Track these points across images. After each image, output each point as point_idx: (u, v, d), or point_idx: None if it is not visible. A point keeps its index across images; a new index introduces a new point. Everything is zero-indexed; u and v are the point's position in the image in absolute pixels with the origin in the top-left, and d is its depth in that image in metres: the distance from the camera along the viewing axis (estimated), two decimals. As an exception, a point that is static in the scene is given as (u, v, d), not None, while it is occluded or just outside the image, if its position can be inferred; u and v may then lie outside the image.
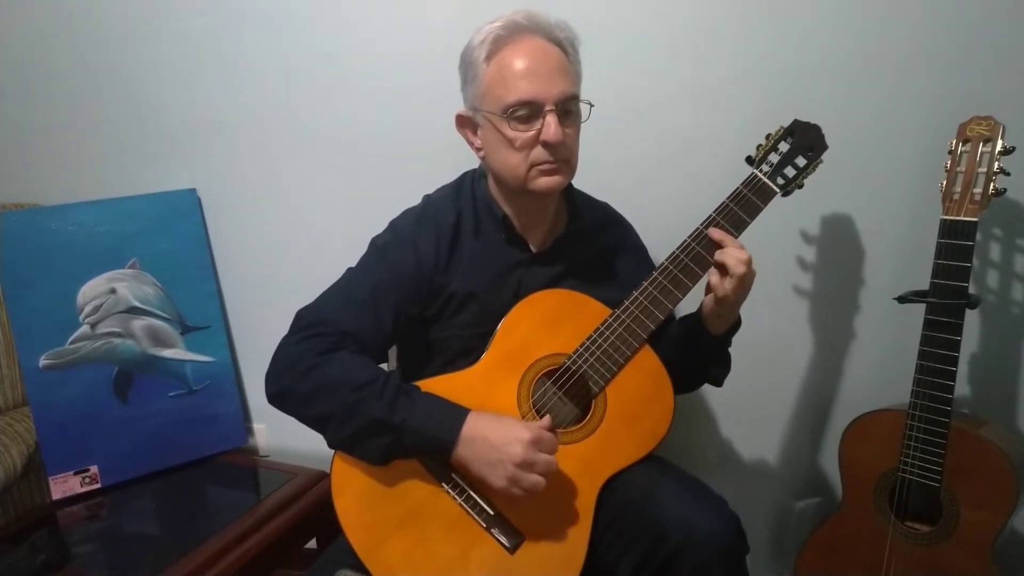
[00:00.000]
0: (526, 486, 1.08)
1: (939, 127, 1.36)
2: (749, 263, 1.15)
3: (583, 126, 1.22)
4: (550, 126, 1.14)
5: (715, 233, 1.18)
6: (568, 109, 1.17)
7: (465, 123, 1.26)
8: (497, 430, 1.10)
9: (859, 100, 1.47)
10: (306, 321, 1.20)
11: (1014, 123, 1.27)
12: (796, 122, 1.24)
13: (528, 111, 1.15)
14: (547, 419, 1.14)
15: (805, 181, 1.23)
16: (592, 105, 1.21)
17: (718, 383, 1.33)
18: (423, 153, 1.66)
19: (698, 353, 1.27)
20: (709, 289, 1.20)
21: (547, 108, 1.14)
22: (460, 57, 1.22)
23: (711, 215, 1.20)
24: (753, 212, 1.20)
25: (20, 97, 1.90)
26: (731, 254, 1.15)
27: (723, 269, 1.16)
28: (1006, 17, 1.38)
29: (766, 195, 1.20)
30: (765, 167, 1.22)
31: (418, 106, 1.65)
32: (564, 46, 1.19)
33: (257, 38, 1.73)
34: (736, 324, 1.27)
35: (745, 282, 1.16)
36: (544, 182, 1.19)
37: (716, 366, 1.31)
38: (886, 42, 1.44)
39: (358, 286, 1.23)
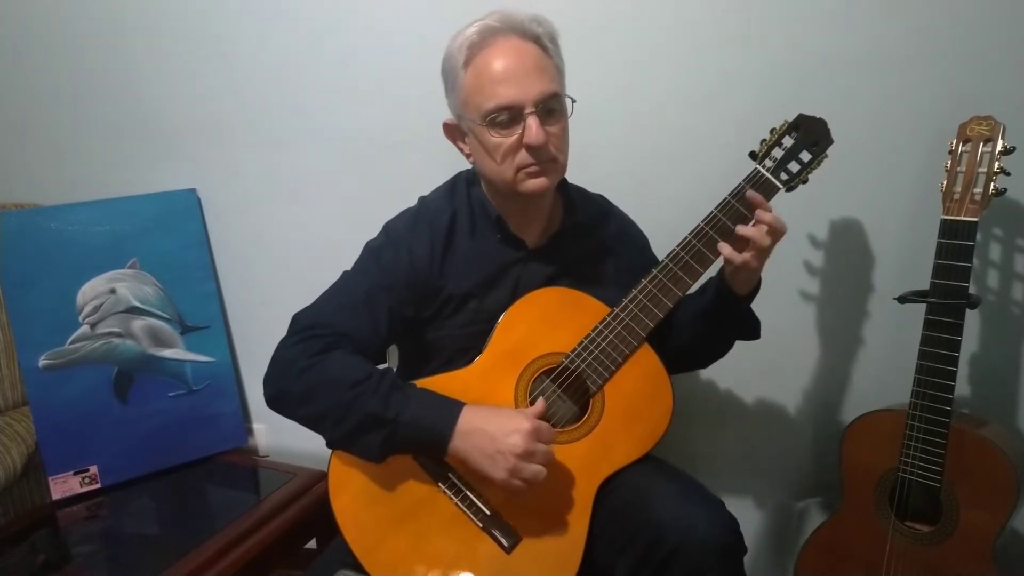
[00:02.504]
0: (527, 476, 1.08)
1: (939, 127, 1.35)
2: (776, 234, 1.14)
3: (585, 124, 1.21)
4: (531, 129, 1.13)
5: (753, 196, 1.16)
6: (550, 108, 1.16)
7: (453, 131, 1.26)
8: (495, 422, 1.10)
9: (859, 100, 1.46)
10: (302, 324, 1.21)
11: (1014, 123, 1.26)
12: (801, 116, 1.23)
13: (508, 116, 1.14)
14: (541, 403, 1.15)
15: (810, 176, 1.23)
16: (575, 100, 1.19)
17: (757, 336, 1.31)
18: (422, 153, 1.65)
19: (727, 318, 1.25)
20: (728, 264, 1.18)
21: (527, 111, 1.13)
22: (441, 64, 1.21)
23: (712, 211, 1.19)
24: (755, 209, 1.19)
25: (20, 97, 1.90)
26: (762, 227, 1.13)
27: (744, 243, 1.15)
28: (1006, 17, 1.37)
29: (769, 191, 1.19)
30: (768, 162, 1.21)
31: (417, 106, 1.64)
32: (542, 41, 1.17)
33: (257, 38, 1.73)
34: (759, 283, 1.24)
35: (768, 252, 1.15)
36: (531, 184, 1.18)
37: (749, 324, 1.29)
38: (886, 42, 1.44)
39: (353, 289, 1.23)
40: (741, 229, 1.15)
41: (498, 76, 1.13)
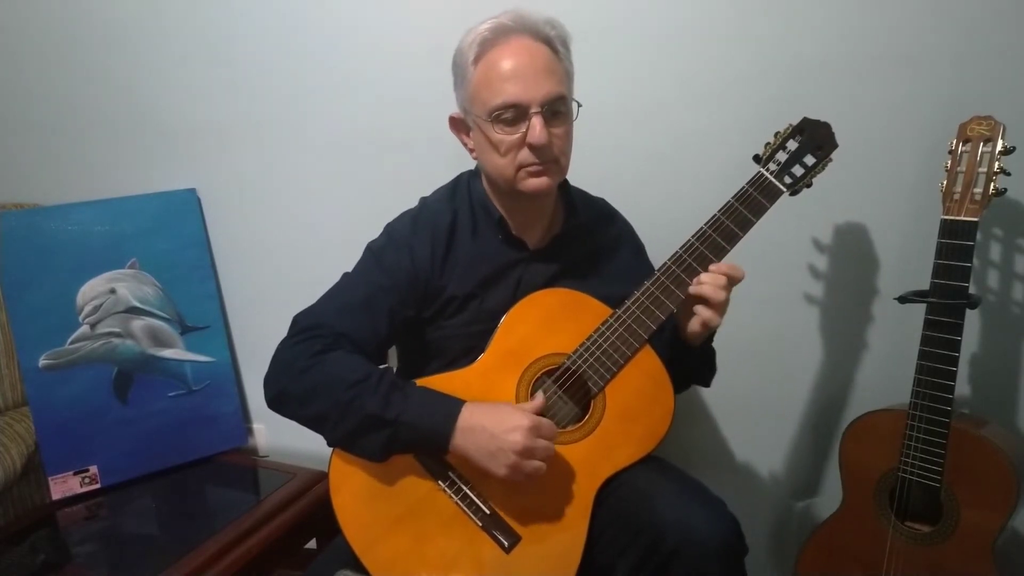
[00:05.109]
0: (528, 471, 1.09)
1: (939, 127, 1.35)
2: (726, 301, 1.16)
3: (589, 126, 1.22)
4: (535, 128, 1.13)
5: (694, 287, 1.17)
6: (556, 110, 1.17)
7: (458, 125, 1.26)
8: (495, 419, 1.10)
9: (859, 100, 1.46)
10: (302, 325, 1.21)
11: (1014, 123, 1.26)
12: (805, 120, 1.23)
13: (514, 113, 1.15)
14: (539, 397, 1.15)
15: (814, 180, 1.23)
16: (580, 104, 1.20)
17: (707, 384, 1.35)
18: (423, 153, 1.66)
19: (683, 362, 1.27)
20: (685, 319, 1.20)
21: (532, 110, 1.14)
22: (452, 59, 1.22)
23: (716, 215, 1.20)
24: (759, 212, 1.19)
25: (20, 97, 1.90)
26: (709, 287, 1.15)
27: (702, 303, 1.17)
28: (1006, 17, 1.38)
29: (772, 194, 1.20)
30: (772, 166, 1.22)
31: (418, 106, 1.65)
32: (553, 44, 1.18)
33: (257, 38, 1.73)
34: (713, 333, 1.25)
35: (725, 307, 1.17)
36: (532, 184, 1.19)
37: (703, 370, 1.32)
38: (886, 42, 1.44)
39: (353, 290, 1.24)
40: (693, 289, 1.16)
41: (507, 74, 1.14)
